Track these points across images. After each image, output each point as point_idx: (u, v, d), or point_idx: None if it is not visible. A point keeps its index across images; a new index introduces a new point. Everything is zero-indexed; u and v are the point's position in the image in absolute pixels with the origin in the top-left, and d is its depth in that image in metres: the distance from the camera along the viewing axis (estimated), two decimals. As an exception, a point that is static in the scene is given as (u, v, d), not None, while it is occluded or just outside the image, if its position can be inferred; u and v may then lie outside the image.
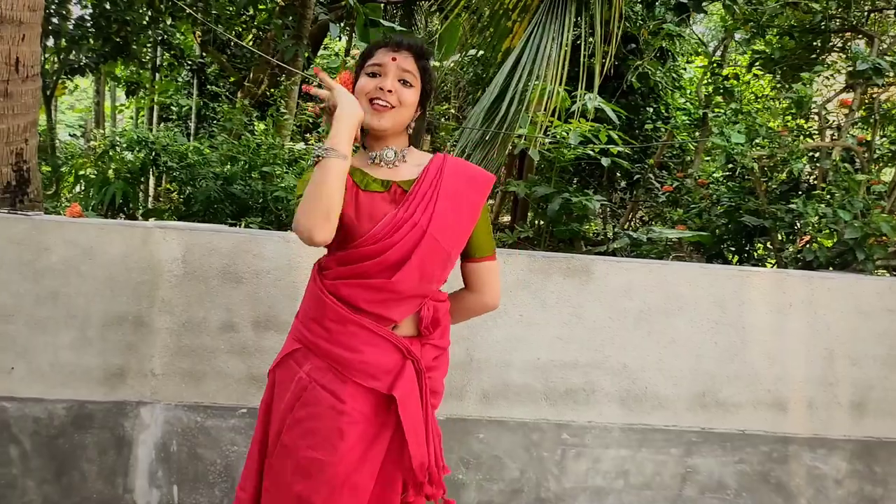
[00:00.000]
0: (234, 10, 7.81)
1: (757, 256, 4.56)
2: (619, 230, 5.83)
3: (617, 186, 7.21)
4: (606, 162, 4.08)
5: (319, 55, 9.76)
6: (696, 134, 6.27)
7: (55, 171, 6.33)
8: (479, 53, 6.44)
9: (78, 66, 7.02)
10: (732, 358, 2.93)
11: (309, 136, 7.12)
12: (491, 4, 5.17)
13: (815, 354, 2.97)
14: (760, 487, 2.96)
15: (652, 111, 6.94)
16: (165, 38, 7.99)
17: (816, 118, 4.83)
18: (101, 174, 5.28)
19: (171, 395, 2.63)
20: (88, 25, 6.62)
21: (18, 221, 2.55)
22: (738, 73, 5.95)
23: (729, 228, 4.33)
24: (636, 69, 5.88)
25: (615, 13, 4.66)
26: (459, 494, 2.76)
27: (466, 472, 2.78)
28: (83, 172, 5.92)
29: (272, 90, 6.88)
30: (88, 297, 2.57)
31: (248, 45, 8.98)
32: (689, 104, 7.00)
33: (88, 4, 6.77)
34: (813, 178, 4.67)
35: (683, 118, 6.71)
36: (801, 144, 4.33)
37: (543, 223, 4.39)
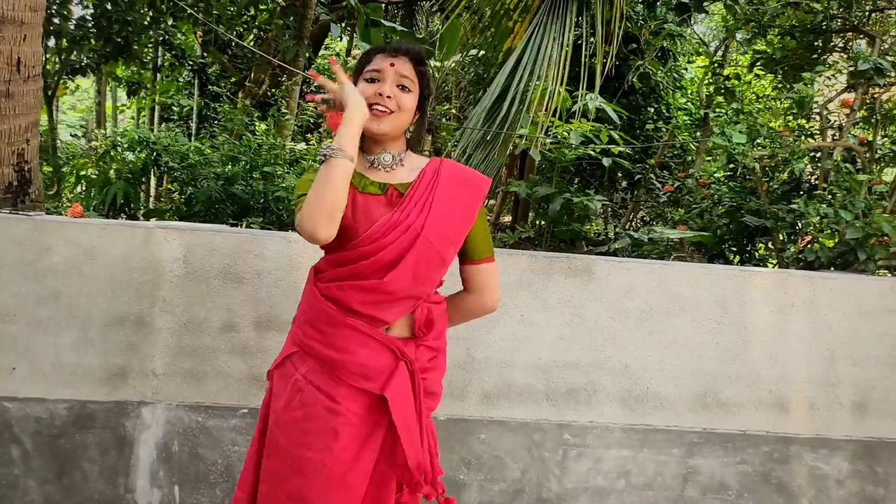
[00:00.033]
0: (235, 10, 7.81)
1: (758, 257, 4.55)
2: (620, 230, 5.82)
3: (618, 186, 7.19)
4: (607, 162, 4.08)
5: (320, 55, 9.75)
6: (697, 134, 6.26)
7: (56, 171, 6.34)
8: (480, 53, 6.44)
9: (79, 66, 7.02)
10: (734, 358, 2.93)
11: (310, 136, 7.12)
12: (492, 4, 5.17)
13: (816, 355, 2.97)
14: (762, 488, 2.95)
15: (653, 111, 6.93)
16: (167, 38, 7.99)
17: (818, 118, 4.83)
18: (102, 174, 5.28)
19: (172, 395, 2.63)
20: (90, 26, 6.63)
21: (20, 222, 2.55)
22: (739, 73, 5.93)
23: (730, 228, 4.33)
24: (637, 69, 5.87)
25: (616, 13, 4.67)
26: (460, 495, 2.76)
27: (468, 472, 2.78)
28: (84, 173, 5.92)
29: (273, 90, 6.88)
30: (90, 297, 2.57)
31: (249, 45, 8.99)
32: (690, 104, 6.99)
33: (90, 5, 6.77)
34: (814, 178, 4.66)
35: (684, 118, 6.70)
36: (802, 144, 4.33)
37: (544, 223, 4.39)
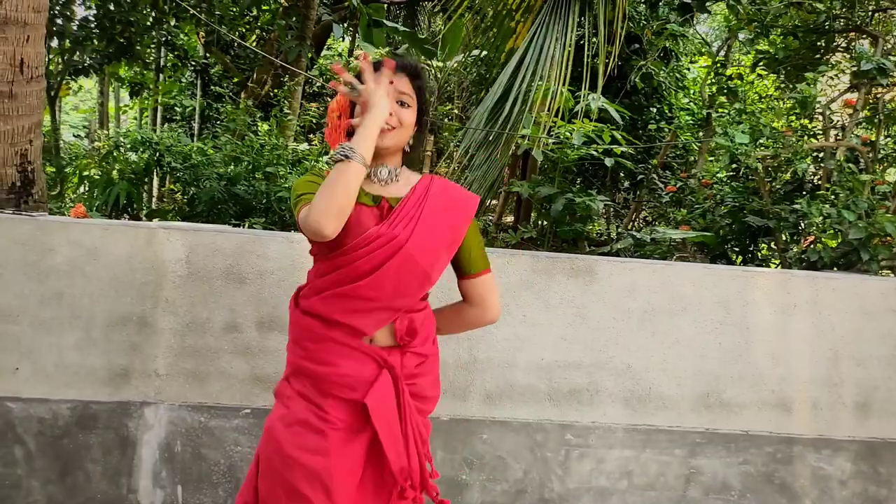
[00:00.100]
0: (237, 10, 7.82)
1: (761, 257, 4.55)
2: (622, 230, 5.82)
3: (620, 187, 7.18)
4: (610, 162, 4.07)
5: (322, 55, 9.76)
6: (699, 134, 6.26)
7: (59, 171, 6.35)
8: (482, 54, 6.44)
9: (82, 66, 7.03)
10: (736, 358, 2.93)
11: (312, 136, 7.13)
12: (494, 4, 5.18)
13: (819, 355, 2.97)
14: (764, 488, 2.95)
15: (655, 111, 6.92)
16: (169, 38, 8.02)
17: (820, 118, 4.82)
18: (105, 175, 5.29)
19: (174, 395, 2.63)
20: (92, 26, 6.64)
21: (23, 222, 2.56)
22: (741, 73, 5.93)
23: (733, 229, 4.32)
24: (639, 69, 5.87)
25: (618, 13, 4.67)
26: (463, 495, 2.76)
27: (470, 472, 2.78)
28: (87, 173, 5.94)
29: (276, 91, 6.90)
30: (93, 297, 2.57)
31: (251, 45, 9.00)
32: (692, 104, 6.98)
33: (92, 5, 6.78)
34: (817, 178, 4.65)
35: (687, 118, 6.69)
36: (805, 144, 4.32)
37: (547, 223, 4.38)
